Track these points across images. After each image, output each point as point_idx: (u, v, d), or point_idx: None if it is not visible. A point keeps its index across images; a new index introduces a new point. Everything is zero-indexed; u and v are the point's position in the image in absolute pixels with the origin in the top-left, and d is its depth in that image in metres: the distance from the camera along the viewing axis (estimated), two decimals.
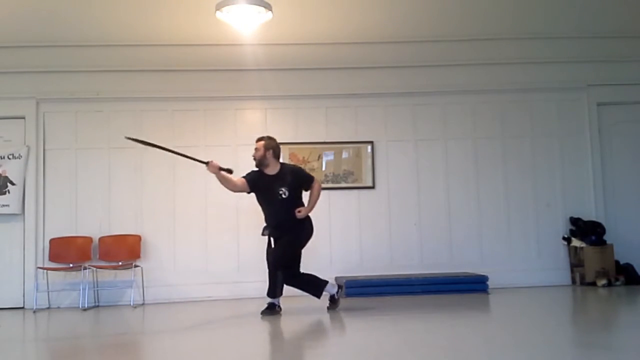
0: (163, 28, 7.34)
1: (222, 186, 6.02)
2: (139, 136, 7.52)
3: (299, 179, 6.09)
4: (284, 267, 5.93)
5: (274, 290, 5.97)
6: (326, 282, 6.13)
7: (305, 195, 6.18)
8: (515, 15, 7.60)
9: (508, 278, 7.57)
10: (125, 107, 7.65)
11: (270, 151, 6.01)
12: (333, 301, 6.16)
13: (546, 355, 4.09)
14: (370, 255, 7.70)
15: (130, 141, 6.10)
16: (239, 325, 5.83)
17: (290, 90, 7.78)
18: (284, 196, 5.91)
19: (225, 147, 7.62)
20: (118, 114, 7.64)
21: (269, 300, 6.03)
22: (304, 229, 6.05)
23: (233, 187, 6.02)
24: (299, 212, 5.95)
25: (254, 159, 6.02)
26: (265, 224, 6.07)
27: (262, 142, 6.02)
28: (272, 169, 6.01)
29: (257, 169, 6.05)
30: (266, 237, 6.09)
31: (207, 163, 5.87)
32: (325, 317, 6.00)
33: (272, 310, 5.98)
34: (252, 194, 6.10)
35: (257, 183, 5.99)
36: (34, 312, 6.91)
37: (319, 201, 6.12)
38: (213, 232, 7.58)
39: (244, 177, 6.02)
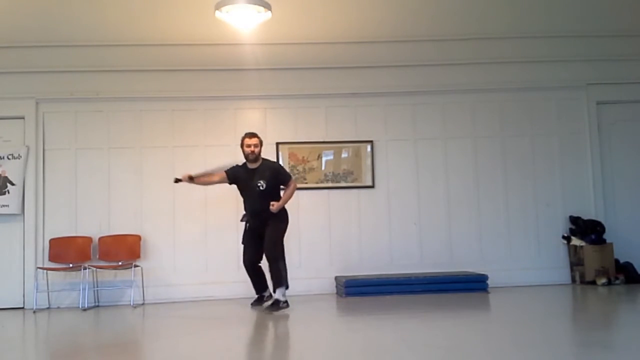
0: (162, 28, 7.35)
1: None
2: (138, 134, 7.61)
3: (277, 175, 6.45)
4: (281, 256, 6.33)
5: (283, 280, 6.27)
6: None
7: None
8: (515, 15, 7.61)
9: (508, 277, 7.57)
10: (125, 107, 7.65)
11: (260, 147, 6.44)
12: (276, 303, 6.28)
13: (546, 354, 4.09)
14: (370, 254, 7.70)
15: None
16: (239, 325, 5.83)
17: (289, 89, 7.78)
18: (261, 188, 6.31)
19: (225, 146, 7.61)
20: (118, 113, 7.65)
21: (272, 294, 6.40)
22: (282, 220, 6.43)
23: (211, 183, 6.63)
24: (272, 205, 6.26)
25: (253, 153, 6.36)
26: (244, 212, 6.52)
27: (258, 139, 6.44)
28: (255, 164, 6.42)
29: (241, 162, 6.47)
30: (244, 223, 6.53)
31: (178, 181, 6.39)
32: (325, 317, 5.99)
33: (277, 305, 6.24)
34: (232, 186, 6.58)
35: (238, 175, 6.45)
36: (34, 312, 6.91)
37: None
38: (213, 232, 7.58)
39: (226, 171, 6.47)
